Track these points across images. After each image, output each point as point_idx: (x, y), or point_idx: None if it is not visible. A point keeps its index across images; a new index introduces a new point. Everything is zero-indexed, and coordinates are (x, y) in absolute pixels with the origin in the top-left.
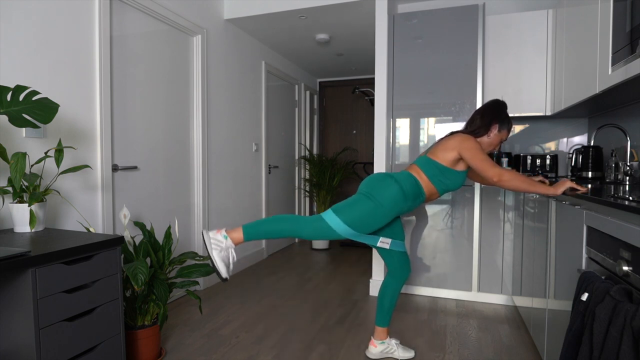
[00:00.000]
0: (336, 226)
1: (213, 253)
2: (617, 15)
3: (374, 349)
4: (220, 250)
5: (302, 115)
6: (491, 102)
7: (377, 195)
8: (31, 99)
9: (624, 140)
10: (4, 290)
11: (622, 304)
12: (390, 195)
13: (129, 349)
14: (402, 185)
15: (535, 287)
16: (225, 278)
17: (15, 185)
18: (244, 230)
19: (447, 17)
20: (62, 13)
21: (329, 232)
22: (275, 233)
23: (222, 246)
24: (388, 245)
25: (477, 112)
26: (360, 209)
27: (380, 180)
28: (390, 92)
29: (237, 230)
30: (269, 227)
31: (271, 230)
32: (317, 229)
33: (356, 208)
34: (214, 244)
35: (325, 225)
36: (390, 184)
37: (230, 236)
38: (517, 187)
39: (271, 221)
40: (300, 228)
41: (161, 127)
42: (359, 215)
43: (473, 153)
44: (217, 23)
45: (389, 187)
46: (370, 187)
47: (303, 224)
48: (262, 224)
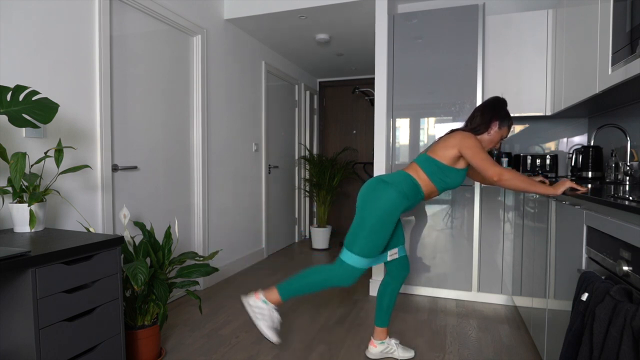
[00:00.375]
0: (356, 262)
1: (260, 324)
2: (617, 15)
3: (373, 349)
4: (264, 318)
5: (302, 115)
6: (491, 100)
7: (377, 206)
8: (31, 99)
9: (624, 140)
10: (4, 290)
11: (622, 304)
12: (389, 200)
13: (129, 349)
14: (397, 187)
15: (535, 287)
16: (276, 342)
17: (15, 185)
18: (279, 290)
19: (447, 17)
20: (62, 13)
21: (355, 270)
22: (309, 286)
23: (266, 314)
24: (397, 255)
25: (477, 110)
26: (367, 232)
27: (372, 188)
28: (390, 92)
29: (272, 291)
30: (302, 282)
31: (305, 284)
32: (346, 273)
33: (363, 234)
34: (258, 313)
35: (349, 267)
36: (384, 189)
37: (268, 299)
38: (517, 187)
39: (302, 276)
40: (332, 278)
41: (161, 127)
42: (369, 239)
43: (474, 151)
44: (217, 23)
45: (384, 192)
46: (367, 199)
47: (332, 274)
48: (295, 281)
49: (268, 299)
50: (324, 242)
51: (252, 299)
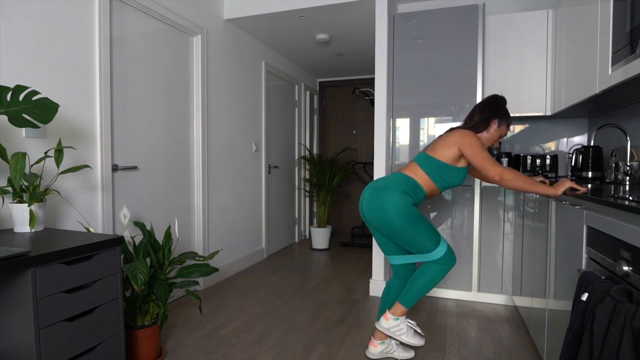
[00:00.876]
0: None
1: (404, 339)
2: (617, 15)
3: (374, 349)
4: (406, 333)
5: (302, 115)
6: (490, 98)
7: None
8: (31, 99)
9: (624, 140)
10: (4, 290)
11: (622, 304)
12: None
13: (129, 349)
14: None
15: (535, 287)
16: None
17: (15, 185)
18: (401, 302)
19: (447, 17)
20: (62, 13)
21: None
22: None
23: (403, 327)
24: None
25: (476, 108)
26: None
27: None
28: (390, 92)
29: (397, 306)
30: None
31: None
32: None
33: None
34: (397, 331)
35: (441, 257)
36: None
37: (397, 315)
38: (518, 187)
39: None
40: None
41: (161, 127)
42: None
43: (474, 150)
44: (217, 23)
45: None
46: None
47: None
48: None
49: (396, 314)
50: (324, 242)
51: (384, 322)
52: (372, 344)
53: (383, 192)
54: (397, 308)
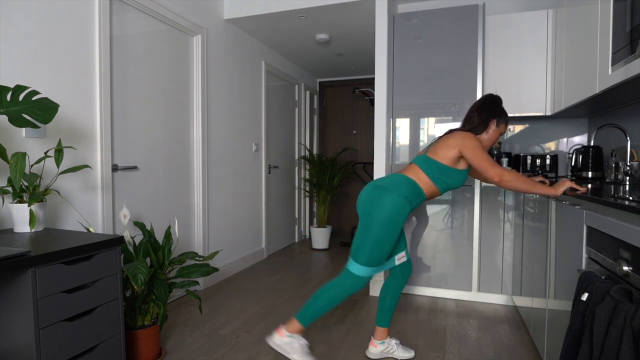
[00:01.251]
0: (363, 272)
1: (294, 357)
2: (617, 15)
3: (374, 349)
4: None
5: (302, 115)
6: (486, 98)
7: (378, 217)
8: (31, 99)
9: (624, 140)
10: (4, 290)
11: (622, 304)
12: (391, 207)
13: (129, 349)
14: (398, 190)
15: (535, 287)
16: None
17: (15, 185)
18: (299, 319)
19: (447, 17)
20: (62, 13)
21: (363, 280)
22: (326, 306)
23: (295, 346)
24: (405, 258)
25: (473, 109)
26: (370, 243)
27: (373, 197)
28: (390, 92)
29: (292, 322)
30: (317, 305)
31: (321, 306)
32: (354, 283)
33: (369, 243)
34: (288, 349)
35: (356, 277)
36: (385, 197)
37: (292, 332)
38: (518, 188)
39: (315, 299)
40: (342, 291)
41: (161, 127)
42: (373, 250)
43: (474, 152)
44: (217, 23)
45: (385, 200)
46: (367, 210)
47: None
48: (310, 306)
49: (291, 331)
50: (324, 242)
51: (276, 338)
52: (373, 344)
53: (384, 192)
54: (293, 324)
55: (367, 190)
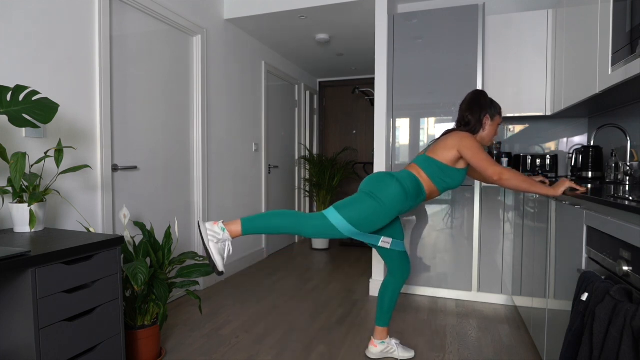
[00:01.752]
0: (339, 224)
1: (210, 245)
2: (617, 15)
3: (374, 349)
4: (217, 242)
5: (302, 115)
6: (472, 97)
7: (379, 195)
8: (31, 99)
9: (624, 140)
10: (4, 290)
11: (622, 304)
12: (392, 194)
13: (129, 349)
14: (403, 184)
15: (535, 287)
16: (221, 271)
17: (15, 185)
18: (243, 223)
19: (447, 17)
20: (62, 13)
21: (331, 230)
22: (275, 228)
23: (220, 238)
24: (389, 245)
25: (465, 111)
26: (363, 207)
27: (381, 179)
28: (390, 92)
29: (235, 222)
30: (269, 222)
31: (271, 225)
32: (319, 226)
33: (359, 206)
34: (210, 235)
35: (327, 223)
36: (392, 183)
37: (228, 229)
38: (517, 187)
39: (271, 216)
40: (301, 225)
41: (161, 127)
42: (362, 213)
43: (473, 152)
44: (217, 23)
45: (390, 186)
46: (371, 186)
47: (304, 221)
48: (262, 218)
49: (228, 228)
50: (323, 243)
51: (209, 223)
52: (372, 344)
53: (394, 181)
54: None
55: (379, 173)
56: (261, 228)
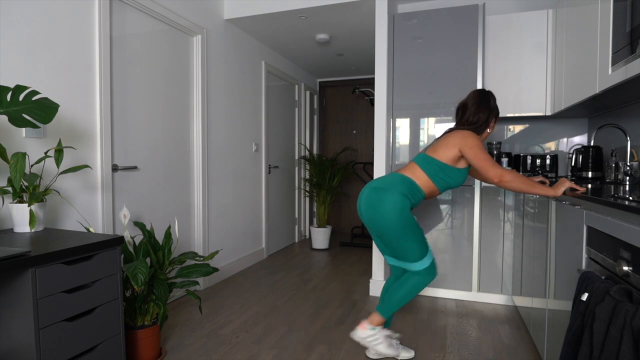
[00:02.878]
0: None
1: (380, 349)
2: (617, 15)
3: (361, 332)
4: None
5: (302, 115)
6: (482, 97)
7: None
8: (31, 99)
9: (624, 140)
10: (4, 290)
11: (622, 304)
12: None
13: (129, 349)
14: (394, 189)
15: (535, 287)
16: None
17: (15, 185)
18: (380, 312)
19: (447, 17)
20: (62, 13)
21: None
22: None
23: (379, 337)
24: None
25: (469, 107)
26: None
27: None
28: (390, 92)
29: (374, 315)
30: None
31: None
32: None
33: (404, 244)
34: (373, 341)
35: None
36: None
37: (374, 324)
38: (518, 188)
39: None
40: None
41: (161, 127)
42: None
43: (475, 152)
44: (217, 23)
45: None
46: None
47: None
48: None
49: (373, 323)
50: (324, 242)
51: (360, 331)
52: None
53: (382, 193)
54: (374, 317)
55: (365, 193)
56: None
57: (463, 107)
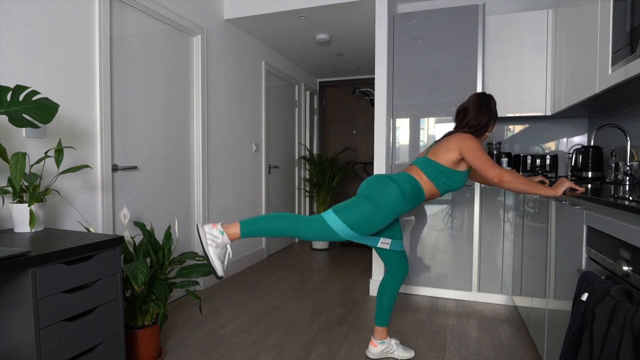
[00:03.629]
0: (337, 227)
1: (209, 249)
2: (617, 15)
3: (374, 349)
4: (217, 247)
5: (302, 115)
6: (483, 100)
7: (378, 198)
8: (31, 99)
9: (624, 140)
10: (4, 290)
11: (622, 304)
12: (391, 198)
13: (129, 349)
14: (402, 187)
15: (535, 287)
16: (220, 276)
17: (15, 185)
18: (241, 226)
19: (447, 17)
20: (62, 13)
21: (329, 233)
22: (274, 231)
23: (219, 242)
24: (388, 246)
25: (471, 110)
26: (361, 210)
27: (380, 182)
28: (390, 92)
29: (234, 225)
30: (267, 225)
31: (269, 228)
32: (317, 229)
33: (357, 210)
34: (209, 239)
35: (325, 226)
36: (390, 186)
37: (226, 232)
38: (518, 189)
39: (270, 218)
40: (300, 227)
41: (161, 127)
42: (361, 217)
43: (475, 154)
44: (217, 23)
45: (389, 189)
46: (370, 190)
47: (303, 224)
48: (260, 221)
49: (226, 231)
50: (323, 243)
51: (208, 226)
52: (372, 344)
53: (393, 184)
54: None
55: (378, 175)
56: (259, 231)
57: (464, 110)
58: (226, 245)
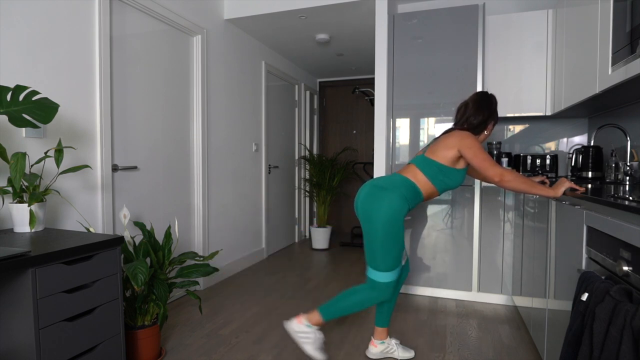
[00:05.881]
0: (386, 278)
1: (307, 348)
2: (617, 15)
3: (374, 349)
4: (313, 342)
5: (302, 115)
6: (483, 99)
7: (379, 219)
8: (31, 99)
9: (624, 140)
10: (4, 290)
11: (622, 304)
12: (390, 207)
13: (129, 349)
14: (396, 191)
15: (535, 287)
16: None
17: (15, 185)
18: (321, 312)
19: (447, 17)
20: (62, 13)
21: (388, 285)
22: (351, 308)
23: (311, 337)
24: (407, 256)
25: (469, 109)
26: (381, 248)
27: (372, 198)
28: (390, 92)
29: (314, 314)
30: (343, 304)
31: (346, 306)
32: (381, 290)
33: (379, 251)
34: (302, 337)
35: (382, 285)
36: (384, 197)
37: (312, 323)
38: (518, 188)
39: (342, 298)
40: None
41: (161, 127)
42: (387, 253)
43: (474, 152)
44: (217, 23)
45: (384, 201)
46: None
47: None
48: (336, 303)
49: (310, 321)
50: (324, 242)
51: (294, 324)
52: (373, 344)
53: (382, 192)
54: (314, 315)
55: (365, 189)
56: (338, 310)
57: (464, 106)
58: (316, 334)
